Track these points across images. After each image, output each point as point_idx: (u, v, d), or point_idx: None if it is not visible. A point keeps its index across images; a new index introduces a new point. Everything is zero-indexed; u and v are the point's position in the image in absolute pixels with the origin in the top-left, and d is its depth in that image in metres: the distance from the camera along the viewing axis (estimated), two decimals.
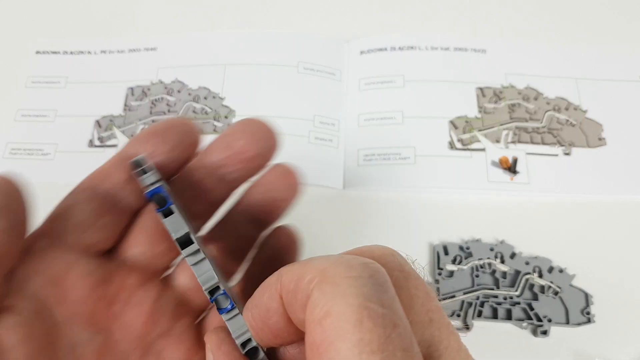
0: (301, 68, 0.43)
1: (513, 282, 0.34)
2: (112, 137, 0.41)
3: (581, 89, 0.42)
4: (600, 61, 0.43)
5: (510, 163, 0.39)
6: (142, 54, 0.45)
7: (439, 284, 0.34)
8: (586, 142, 0.40)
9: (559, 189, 0.38)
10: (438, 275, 0.35)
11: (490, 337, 0.33)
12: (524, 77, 0.43)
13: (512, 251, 0.35)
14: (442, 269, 0.35)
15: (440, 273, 0.35)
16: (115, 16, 0.48)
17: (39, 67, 0.45)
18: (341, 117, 0.42)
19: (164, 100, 0.43)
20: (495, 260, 0.35)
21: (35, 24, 0.48)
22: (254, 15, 0.47)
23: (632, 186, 0.38)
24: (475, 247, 0.35)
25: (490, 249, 0.35)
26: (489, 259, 0.35)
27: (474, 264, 0.35)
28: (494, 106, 0.41)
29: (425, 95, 0.42)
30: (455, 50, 0.44)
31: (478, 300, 0.34)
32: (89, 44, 0.46)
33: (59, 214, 0.21)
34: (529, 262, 0.35)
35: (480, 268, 0.35)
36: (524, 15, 0.47)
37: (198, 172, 0.22)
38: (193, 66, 0.44)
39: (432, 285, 0.34)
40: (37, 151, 0.41)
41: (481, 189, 0.38)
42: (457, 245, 0.36)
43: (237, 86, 0.43)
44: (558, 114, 0.41)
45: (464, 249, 0.36)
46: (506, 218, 0.37)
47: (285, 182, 0.23)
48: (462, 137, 0.40)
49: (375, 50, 0.44)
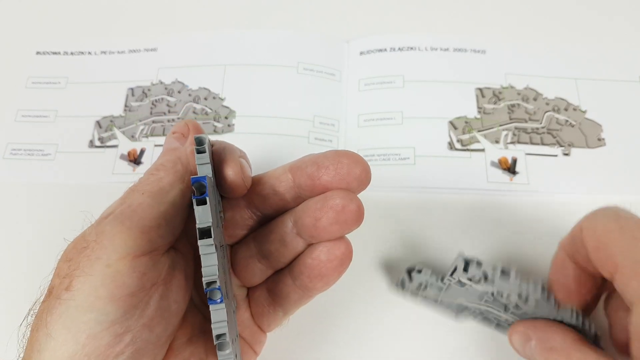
0: (301, 68, 0.43)
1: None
2: (113, 138, 0.41)
3: (581, 90, 0.42)
4: (600, 61, 0.44)
5: (509, 163, 0.39)
6: (143, 55, 0.45)
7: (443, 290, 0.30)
8: (585, 142, 0.40)
9: (559, 189, 0.38)
10: (442, 281, 0.30)
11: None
12: (524, 77, 0.43)
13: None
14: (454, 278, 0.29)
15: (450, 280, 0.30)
16: (116, 17, 0.48)
17: (40, 67, 0.45)
18: (341, 118, 0.42)
19: (164, 101, 0.43)
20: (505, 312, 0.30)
21: (36, 25, 0.48)
22: (254, 15, 0.47)
23: (632, 186, 0.38)
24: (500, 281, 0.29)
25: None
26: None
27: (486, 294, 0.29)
28: (494, 107, 0.41)
29: (424, 95, 0.42)
30: (454, 50, 0.44)
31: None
32: (90, 45, 0.46)
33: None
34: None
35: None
36: (524, 16, 0.47)
37: (283, 178, 0.25)
38: (193, 67, 0.44)
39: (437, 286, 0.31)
40: (37, 151, 0.41)
41: (480, 190, 0.38)
42: (482, 268, 0.29)
43: (237, 87, 0.43)
44: (557, 115, 0.41)
45: (487, 277, 0.29)
46: (505, 218, 0.37)
47: (340, 217, 0.24)
48: (462, 137, 0.40)
49: (375, 50, 0.44)
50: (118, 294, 0.19)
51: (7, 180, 0.40)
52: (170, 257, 0.22)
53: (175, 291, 0.22)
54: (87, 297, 0.19)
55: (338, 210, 0.23)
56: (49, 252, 0.37)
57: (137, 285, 0.20)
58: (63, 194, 0.39)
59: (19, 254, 0.37)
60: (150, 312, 0.20)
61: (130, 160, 0.40)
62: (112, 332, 0.19)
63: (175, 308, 0.22)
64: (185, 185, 0.23)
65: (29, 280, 0.36)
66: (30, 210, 0.39)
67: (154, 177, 0.23)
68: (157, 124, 0.42)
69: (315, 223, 0.24)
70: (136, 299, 0.20)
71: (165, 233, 0.22)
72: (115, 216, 0.21)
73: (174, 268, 0.22)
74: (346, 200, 0.23)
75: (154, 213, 0.21)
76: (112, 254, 0.20)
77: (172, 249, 0.23)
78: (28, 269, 0.36)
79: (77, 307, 0.19)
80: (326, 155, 0.24)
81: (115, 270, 0.19)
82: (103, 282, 0.19)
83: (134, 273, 0.20)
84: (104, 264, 0.19)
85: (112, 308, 0.19)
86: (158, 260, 0.21)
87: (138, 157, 0.40)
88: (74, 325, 0.19)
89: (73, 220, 0.38)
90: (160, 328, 0.21)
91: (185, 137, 0.26)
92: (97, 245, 0.20)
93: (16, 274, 0.36)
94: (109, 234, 0.20)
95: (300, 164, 0.25)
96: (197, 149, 0.23)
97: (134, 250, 0.20)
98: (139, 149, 0.41)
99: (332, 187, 0.24)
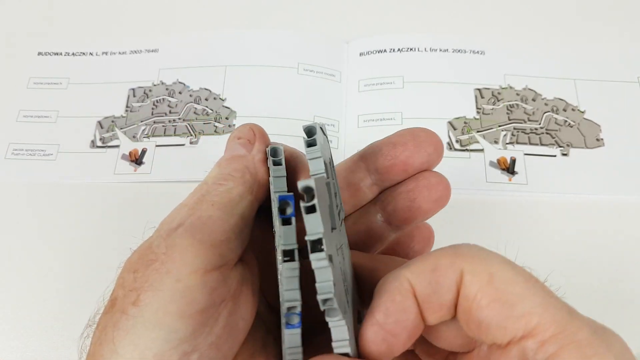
0: (301, 69, 0.44)
1: None
2: (114, 138, 0.41)
3: (579, 90, 0.42)
4: (599, 62, 0.44)
5: (508, 164, 0.39)
6: (144, 55, 0.46)
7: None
8: (584, 142, 0.40)
9: (557, 189, 0.38)
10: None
11: None
12: (523, 78, 0.43)
13: None
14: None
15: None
16: (117, 18, 0.48)
17: (41, 68, 0.45)
18: (341, 118, 0.42)
19: (166, 102, 0.43)
20: None
21: (38, 26, 0.48)
22: (254, 16, 0.47)
23: (630, 186, 0.38)
24: None
25: None
26: None
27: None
28: (493, 107, 0.41)
29: (424, 96, 0.42)
30: (454, 51, 0.44)
31: None
32: (91, 45, 0.46)
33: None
34: None
35: None
36: (523, 17, 0.47)
37: (355, 168, 0.24)
38: (194, 67, 0.45)
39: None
40: (39, 152, 0.41)
41: (479, 190, 0.38)
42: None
43: (238, 87, 0.43)
44: (556, 115, 0.41)
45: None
46: (504, 218, 0.37)
47: (433, 194, 0.24)
48: (461, 137, 0.40)
49: (374, 51, 0.45)
50: (188, 311, 0.19)
51: (8, 181, 0.40)
52: (239, 271, 0.22)
53: (243, 307, 0.21)
54: (156, 313, 0.18)
55: (431, 188, 0.24)
56: (49, 252, 0.37)
57: (207, 302, 0.19)
58: (64, 194, 0.39)
59: (19, 254, 0.37)
60: (219, 330, 0.20)
61: (131, 160, 0.40)
62: (180, 350, 0.18)
63: (243, 325, 0.21)
64: (254, 197, 0.22)
65: (29, 279, 0.36)
66: (32, 210, 0.39)
67: (223, 187, 0.22)
68: (159, 124, 0.42)
69: (410, 205, 0.24)
70: (206, 316, 0.19)
71: (235, 246, 0.21)
72: (186, 229, 0.20)
73: (242, 283, 0.22)
74: (438, 178, 0.24)
75: (225, 226, 0.20)
76: (182, 268, 0.19)
77: (240, 262, 0.22)
78: (28, 268, 0.36)
79: (145, 324, 0.18)
80: (400, 133, 0.25)
81: (185, 285, 0.19)
82: (173, 297, 0.18)
83: (205, 289, 0.19)
84: (174, 279, 0.19)
85: (181, 325, 0.18)
86: (228, 275, 0.20)
87: (139, 157, 0.41)
88: (142, 342, 0.18)
89: (74, 220, 0.39)
90: (227, 346, 0.20)
91: (251, 143, 0.25)
92: (167, 259, 0.19)
93: (16, 274, 0.36)
94: (180, 247, 0.19)
95: (370, 149, 0.25)
96: (274, 160, 0.22)
97: (205, 264, 0.19)
98: (140, 149, 0.41)
99: (412, 162, 0.24)
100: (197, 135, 0.41)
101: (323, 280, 0.19)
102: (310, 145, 0.20)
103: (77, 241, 0.37)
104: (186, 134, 0.41)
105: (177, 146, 0.41)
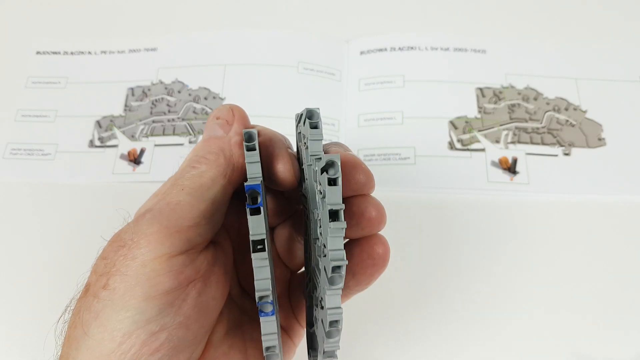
0: (301, 68, 0.43)
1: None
2: (113, 138, 0.41)
3: (581, 89, 0.42)
4: (600, 61, 0.44)
5: (510, 163, 0.39)
6: (143, 54, 0.45)
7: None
8: (586, 142, 0.40)
9: (559, 189, 0.38)
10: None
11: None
12: (524, 77, 0.43)
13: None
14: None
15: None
16: (116, 17, 0.48)
17: (40, 67, 0.45)
18: (341, 117, 0.42)
19: (164, 101, 0.43)
20: None
21: (36, 25, 0.48)
22: (254, 15, 0.47)
23: (632, 186, 0.38)
24: None
25: None
26: None
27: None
28: (494, 106, 0.41)
29: (425, 95, 0.42)
30: (455, 50, 0.44)
31: None
32: (90, 44, 0.46)
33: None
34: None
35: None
36: (524, 16, 0.47)
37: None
38: (193, 66, 0.44)
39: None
40: (37, 151, 0.41)
41: (481, 189, 0.38)
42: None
43: (237, 86, 0.43)
44: (558, 114, 0.41)
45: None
46: (506, 218, 0.37)
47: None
48: (462, 137, 0.40)
49: (375, 50, 0.44)
50: (153, 293, 0.19)
51: (7, 180, 0.40)
52: (210, 253, 0.22)
53: (214, 287, 0.22)
54: (123, 296, 0.19)
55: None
56: (48, 250, 0.37)
57: (172, 284, 0.20)
58: (63, 194, 0.39)
59: (18, 254, 0.37)
60: (187, 310, 0.20)
61: (130, 160, 0.40)
62: (148, 330, 0.19)
63: (213, 304, 0.22)
64: (227, 181, 0.22)
65: (29, 278, 0.36)
66: (30, 209, 0.39)
67: (195, 170, 0.22)
68: (157, 123, 0.42)
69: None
70: (172, 297, 0.20)
71: (204, 231, 0.21)
72: (153, 215, 0.20)
73: (214, 264, 0.22)
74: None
75: (194, 212, 0.21)
76: (147, 254, 0.19)
77: (212, 243, 0.22)
78: (28, 267, 0.36)
79: (113, 306, 0.19)
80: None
81: (150, 269, 0.19)
82: (138, 281, 0.19)
83: (170, 272, 0.20)
84: (139, 264, 0.19)
85: (147, 306, 0.19)
86: (196, 257, 0.21)
87: (138, 157, 0.40)
88: (110, 323, 0.19)
89: (73, 220, 0.39)
90: (197, 325, 0.21)
91: (229, 124, 0.24)
92: (133, 245, 0.20)
93: (16, 273, 0.36)
94: (146, 233, 0.20)
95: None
96: (247, 145, 0.21)
97: (170, 250, 0.20)
98: (139, 149, 0.41)
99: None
100: (196, 134, 0.41)
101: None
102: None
103: (76, 241, 0.37)
104: (185, 133, 0.41)
105: (176, 145, 0.41)
